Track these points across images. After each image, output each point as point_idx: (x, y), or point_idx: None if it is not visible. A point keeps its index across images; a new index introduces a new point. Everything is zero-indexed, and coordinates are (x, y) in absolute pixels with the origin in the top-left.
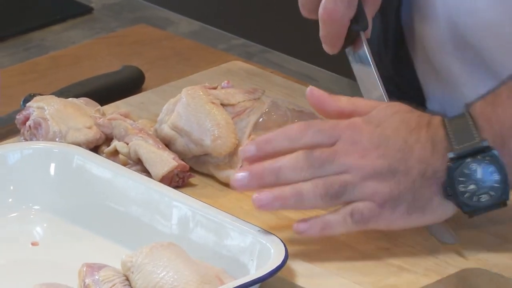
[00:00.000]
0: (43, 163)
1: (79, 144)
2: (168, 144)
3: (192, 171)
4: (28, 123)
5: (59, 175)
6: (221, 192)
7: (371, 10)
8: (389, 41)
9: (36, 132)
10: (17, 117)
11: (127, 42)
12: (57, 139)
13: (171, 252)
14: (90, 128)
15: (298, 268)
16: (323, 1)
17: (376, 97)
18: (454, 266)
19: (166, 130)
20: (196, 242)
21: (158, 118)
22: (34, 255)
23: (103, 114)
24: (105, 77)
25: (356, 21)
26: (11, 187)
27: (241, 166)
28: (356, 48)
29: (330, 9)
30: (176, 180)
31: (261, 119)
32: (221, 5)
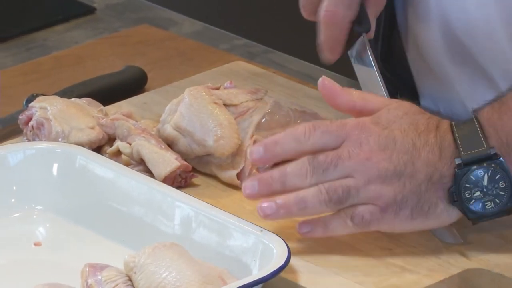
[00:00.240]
0: (46, 163)
1: (81, 144)
2: (170, 144)
3: (194, 171)
4: (31, 123)
5: (61, 175)
6: (224, 192)
7: (374, 11)
8: (380, 35)
9: (38, 132)
10: (20, 117)
11: (130, 42)
12: (59, 139)
13: (174, 253)
14: (93, 128)
15: (301, 268)
16: (324, 3)
17: None
18: (456, 266)
19: (169, 130)
20: (199, 242)
21: (161, 118)
22: (37, 255)
23: (106, 114)
24: (108, 77)
25: (359, 23)
26: (14, 187)
27: (244, 167)
28: (359, 50)
29: (331, 11)
30: (179, 180)
31: (263, 120)
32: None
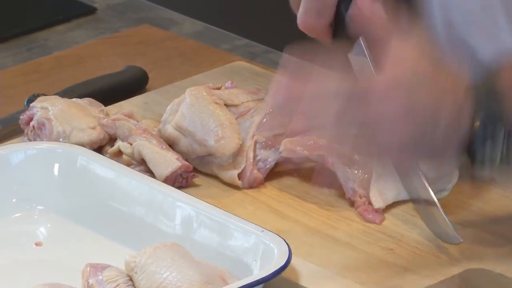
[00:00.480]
0: (47, 164)
1: (82, 145)
2: (171, 144)
3: (195, 171)
4: (32, 123)
5: (62, 175)
6: (225, 192)
7: None
8: None
9: (40, 132)
10: (21, 117)
11: (131, 42)
12: (60, 140)
13: (175, 253)
14: (94, 128)
15: (302, 269)
16: (298, 11)
17: None
18: (457, 266)
19: (170, 130)
20: (200, 242)
21: (162, 119)
22: (38, 255)
23: (107, 115)
24: (108, 78)
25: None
26: (15, 187)
27: (245, 167)
28: (356, 54)
29: (302, 20)
30: (180, 181)
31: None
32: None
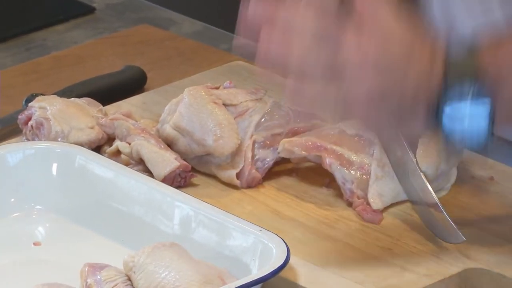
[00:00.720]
0: (45, 163)
1: (81, 144)
2: (170, 144)
3: (194, 171)
4: (30, 123)
5: (61, 175)
6: (223, 192)
7: None
8: None
9: (38, 132)
10: (19, 117)
11: (130, 42)
12: (59, 139)
13: (173, 252)
14: (92, 128)
15: (300, 268)
16: None
17: None
18: (456, 266)
19: (168, 130)
20: (198, 242)
21: (160, 118)
22: (36, 255)
23: (105, 114)
24: (107, 77)
25: None
26: (13, 187)
27: (243, 166)
28: None
29: None
30: (178, 180)
31: (263, 119)
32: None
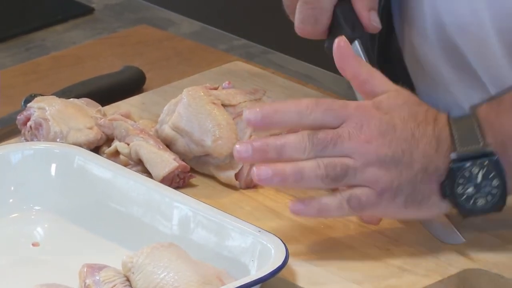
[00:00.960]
0: (44, 164)
1: (80, 145)
2: (169, 144)
3: (193, 171)
4: (29, 123)
5: (60, 175)
6: (222, 192)
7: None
8: (377, 37)
9: (37, 132)
10: (18, 117)
11: (129, 42)
12: (58, 140)
13: (172, 253)
14: (91, 128)
15: (299, 269)
16: (295, 19)
17: None
18: (454, 266)
19: (167, 130)
20: (197, 242)
21: (159, 119)
22: (35, 255)
23: (104, 115)
24: (106, 78)
25: (352, 29)
26: (12, 188)
27: (242, 167)
28: None
29: (299, 28)
30: (177, 181)
31: None
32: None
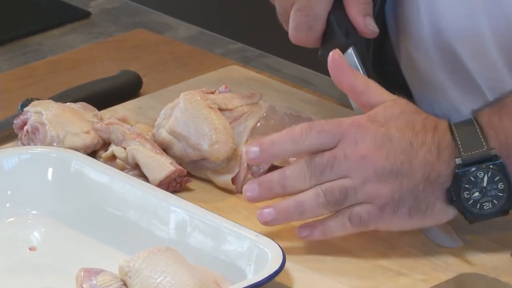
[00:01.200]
0: (41, 168)
1: (76, 149)
2: (165, 148)
3: (189, 175)
4: (25, 127)
5: (56, 179)
6: (219, 197)
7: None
8: (372, 43)
9: (33, 136)
10: (15, 121)
11: (125, 46)
12: (54, 144)
13: (169, 257)
14: (87, 132)
15: (296, 273)
16: (289, 27)
17: None
18: (451, 271)
19: (164, 134)
20: (194, 247)
21: (156, 123)
22: (32, 260)
23: (101, 119)
24: (103, 82)
25: (346, 36)
26: (9, 192)
27: (238, 171)
28: (348, 62)
29: (293, 36)
30: (174, 185)
31: (258, 124)
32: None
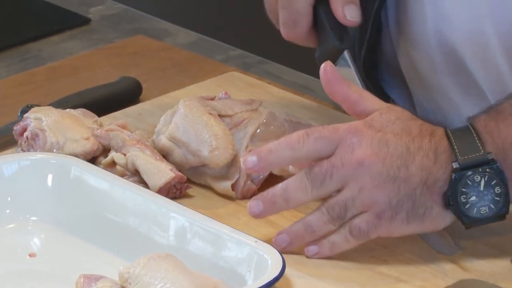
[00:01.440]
0: (41, 174)
1: (76, 155)
2: (165, 155)
3: (189, 182)
4: (25, 134)
5: (56, 186)
6: (219, 203)
7: None
8: (365, 41)
9: (33, 143)
10: (15, 128)
11: (125, 53)
12: (54, 150)
13: (169, 263)
14: (87, 139)
15: (295, 279)
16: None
17: None
18: (451, 277)
19: (164, 141)
20: (194, 253)
21: (156, 129)
22: (32, 266)
23: (101, 125)
24: (102, 88)
25: (340, 40)
26: (9, 198)
27: (238, 177)
28: (342, 65)
29: (283, 32)
30: (174, 191)
31: (258, 130)
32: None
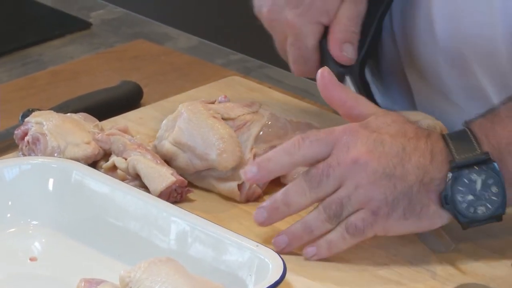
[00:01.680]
0: (42, 178)
1: (77, 159)
2: (169, 160)
3: (190, 186)
4: (26, 138)
5: (57, 190)
6: (220, 207)
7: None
8: (365, 44)
9: (34, 147)
10: (16, 132)
11: (126, 57)
12: (55, 154)
13: (170, 268)
14: (88, 143)
15: (296, 283)
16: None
17: None
18: (452, 281)
19: (167, 146)
20: (195, 257)
21: (158, 135)
22: (33, 270)
23: (102, 129)
24: (103, 92)
25: (343, 67)
26: (10, 202)
27: (242, 182)
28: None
29: (292, 67)
30: (175, 195)
31: (261, 132)
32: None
